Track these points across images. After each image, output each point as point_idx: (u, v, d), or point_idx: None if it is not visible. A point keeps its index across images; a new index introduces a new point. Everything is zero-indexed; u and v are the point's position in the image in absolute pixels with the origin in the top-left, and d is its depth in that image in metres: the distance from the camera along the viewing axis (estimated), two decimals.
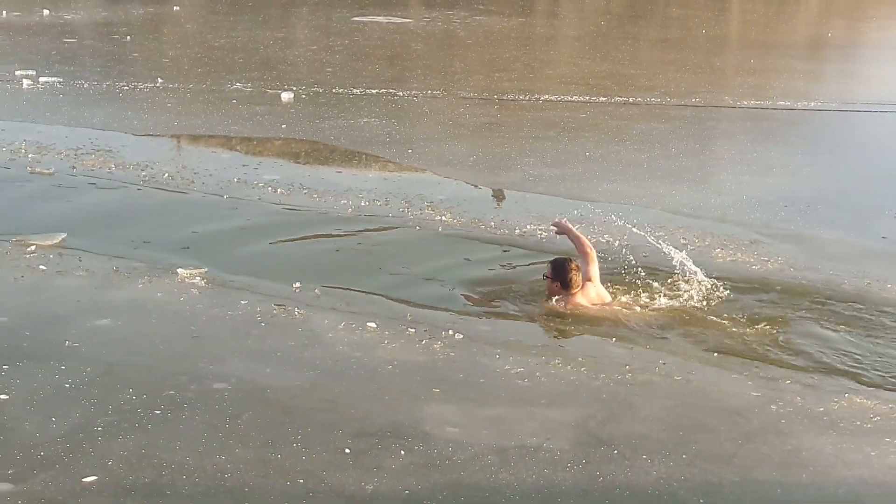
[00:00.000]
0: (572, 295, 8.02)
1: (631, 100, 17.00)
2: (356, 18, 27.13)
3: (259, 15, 27.70)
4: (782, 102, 17.31)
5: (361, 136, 13.79)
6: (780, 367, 7.02)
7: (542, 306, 8.12)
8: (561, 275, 8.05)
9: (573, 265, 8.10)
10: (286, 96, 16.10)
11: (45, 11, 25.91)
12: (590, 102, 16.73)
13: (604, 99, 17.02)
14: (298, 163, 12.69)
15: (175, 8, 28.66)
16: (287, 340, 7.22)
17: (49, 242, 9.00)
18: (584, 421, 6.16)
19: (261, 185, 11.20)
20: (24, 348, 6.90)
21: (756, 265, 9.04)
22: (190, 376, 6.56)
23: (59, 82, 16.66)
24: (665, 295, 8.18)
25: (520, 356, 7.03)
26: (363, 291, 8.25)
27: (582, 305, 8.01)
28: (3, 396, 6.17)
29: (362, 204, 10.60)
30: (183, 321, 7.51)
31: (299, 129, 14.17)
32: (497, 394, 6.49)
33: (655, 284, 8.33)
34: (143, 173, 11.48)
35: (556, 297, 8.07)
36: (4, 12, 25.51)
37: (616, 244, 9.35)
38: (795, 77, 20.53)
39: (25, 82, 16.49)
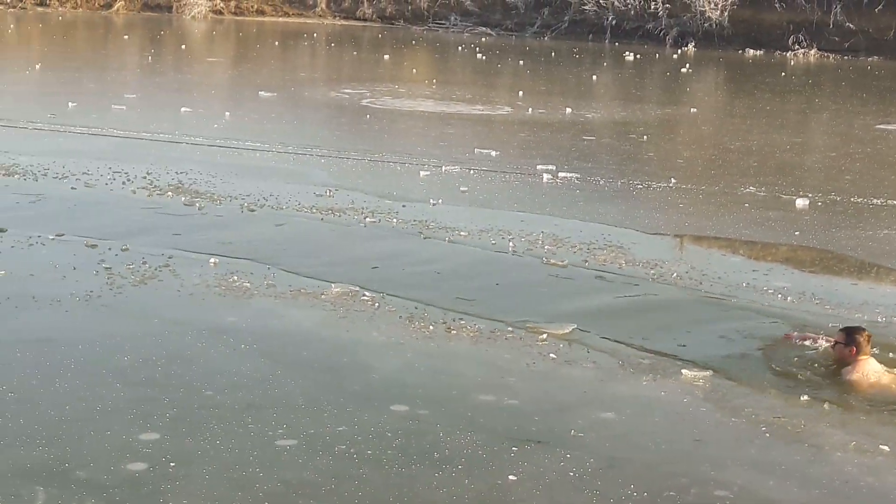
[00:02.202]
0: (862, 361, 8.31)
1: None
2: (880, 126, 26.20)
3: (776, 119, 27.43)
4: None
5: (880, 249, 13.20)
6: None
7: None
8: (853, 339, 8.39)
9: (866, 332, 8.47)
10: (801, 203, 15.76)
11: (568, 110, 27.03)
12: None
13: None
14: (810, 271, 12.33)
15: (692, 110, 28.98)
16: (792, 454, 6.99)
17: (559, 332, 9.29)
18: None
19: (770, 291, 10.98)
20: (533, 432, 7.14)
21: None
22: (691, 479, 6.50)
23: (577, 178, 17.26)
24: None
25: None
26: (876, 411, 7.84)
27: (874, 371, 8.25)
28: (511, 477, 6.40)
29: (878, 319, 10.11)
30: (686, 423, 7.47)
31: (813, 236, 13.80)
32: None
33: None
34: (652, 271, 11.60)
35: (846, 366, 8.33)
36: (530, 109, 26.89)
37: None
38: None
39: (546, 177, 17.22)
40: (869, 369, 8.35)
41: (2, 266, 10.61)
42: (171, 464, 6.46)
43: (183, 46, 44.88)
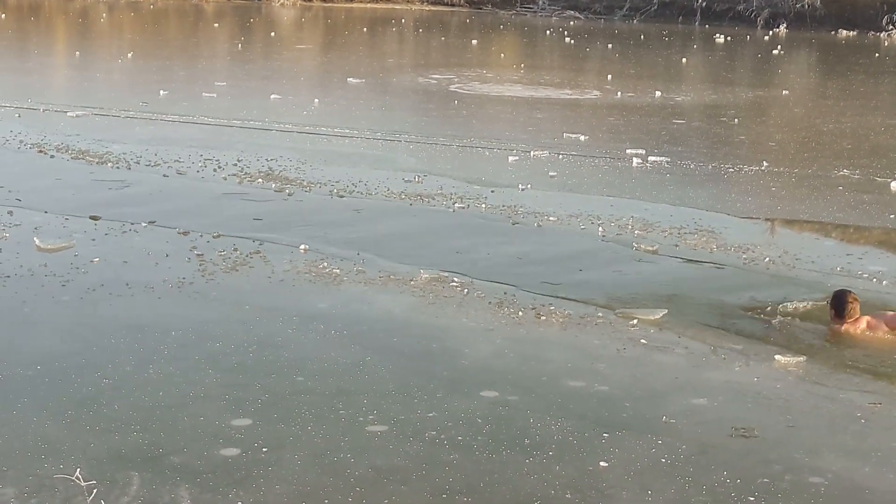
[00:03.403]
0: (847, 323, 8.92)
1: None
2: None
3: (870, 101, 26.93)
4: None
5: None
6: None
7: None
8: (838, 304, 8.99)
9: (851, 296, 9.00)
10: None
11: (657, 93, 26.79)
12: None
13: None
14: None
15: (784, 92, 28.55)
16: (889, 441, 6.87)
17: (650, 317, 9.20)
18: None
19: (864, 275, 10.79)
20: (623, 419, 7.09)
21: None
22: (785, 466, 6.41)
23: (667, 162, 17.09)
24: None
25: None
26: None
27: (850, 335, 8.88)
28: (603, 464, 6.37)
29: None
30: (779, 409, 7.37)
31: None
32: None
33: None
34: (744, 256, 11.45)
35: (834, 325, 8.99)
36: (619, 93, 26.69)
37: None
38: None
39: (635, 161, 17.09)
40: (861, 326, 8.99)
41: (96, 253, 10.79)
42: (263, 449, 6.51)
43: (272, 34, 45.25)
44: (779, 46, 43.31)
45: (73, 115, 20.57)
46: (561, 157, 17.44)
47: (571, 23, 55.09)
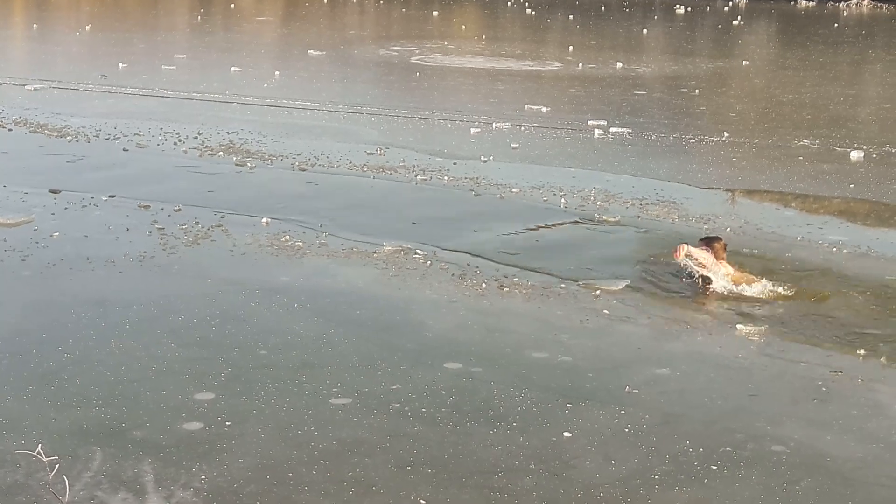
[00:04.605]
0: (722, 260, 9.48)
1: None
2: None
3: (829, 71, 27.08)
4: None
5: None
6: None
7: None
8: (711, 246, 9.48)
9: (723, 243, 9.63)
10: (855, 155, 15.56)
11: (619, 64, 26.83)
12: None
13: None
14: (865, 224, 12.18)
15: (744, 62, 28.66)
16: (849, 409, 6.92)
17: (613, 288, 9.23)
18: None
19: (825, 244, 10.86)
20: (587, 389, 7.12)
21: None
22: (747, 435, 6.46)
23: (628, 133, 17.13)
24: None
25: None
26: None
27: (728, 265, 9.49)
28: (566, 434, 6.39)
29: None
30: (741, 378, 7.42)
31: (868, 189, 13.62)
32: None
33: None
34: (705, 226, 11.50)
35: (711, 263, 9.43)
36: (581, 64, 26.69)
37: None
38: None
39: (597, 132, 17.11)
40: (725, 269, 9.46)
41: (56, 227, 10.70)
42: (227, 423, 6.49)
43: (232, 6, 44.93)
44: (738, 17, 43.45)
45: (31, 88, 20.37)
46: (523, 128, 17.43)
47: None
